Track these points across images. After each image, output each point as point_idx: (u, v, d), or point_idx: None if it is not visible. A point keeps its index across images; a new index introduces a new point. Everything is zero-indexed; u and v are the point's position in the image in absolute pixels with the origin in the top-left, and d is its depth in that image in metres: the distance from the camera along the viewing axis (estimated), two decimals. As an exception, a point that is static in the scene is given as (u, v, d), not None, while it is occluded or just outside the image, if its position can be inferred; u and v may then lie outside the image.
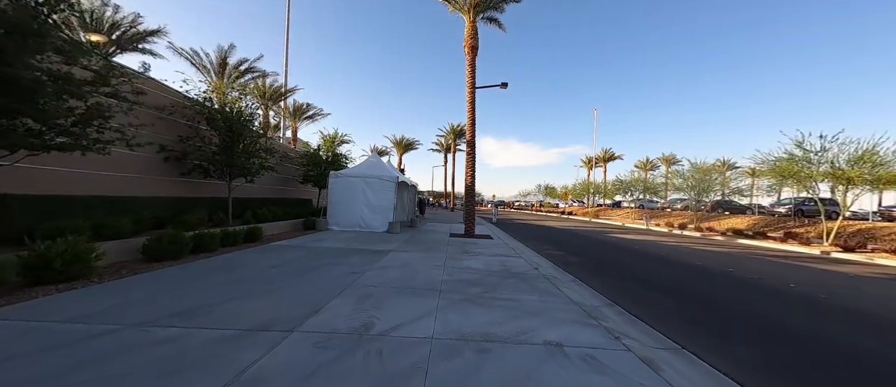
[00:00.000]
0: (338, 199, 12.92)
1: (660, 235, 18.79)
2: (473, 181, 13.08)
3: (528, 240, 13.25)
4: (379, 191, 12.88)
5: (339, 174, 13.06)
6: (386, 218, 12.69)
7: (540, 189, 56.60)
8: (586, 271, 7.50)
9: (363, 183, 12.89)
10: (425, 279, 5.60)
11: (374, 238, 10.71)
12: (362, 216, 12.74)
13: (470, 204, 13.17)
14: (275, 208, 12.98)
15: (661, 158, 59.51)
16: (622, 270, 8.05)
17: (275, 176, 16.12)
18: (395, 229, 12.46)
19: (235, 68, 22.27)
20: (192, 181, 10.83)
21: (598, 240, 14.32)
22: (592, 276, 7.06)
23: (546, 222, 26.94)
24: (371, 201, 12.82)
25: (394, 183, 12.89)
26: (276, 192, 16.23)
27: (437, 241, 10.87)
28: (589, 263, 8.66)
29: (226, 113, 10.66)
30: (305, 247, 8.46)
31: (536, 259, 8.34)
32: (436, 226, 17.09)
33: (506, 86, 19.10)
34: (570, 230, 19.16)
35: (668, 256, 10.04)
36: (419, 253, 8.26)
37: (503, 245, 10.52)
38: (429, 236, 12.11)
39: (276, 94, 27.76)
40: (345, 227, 12.76)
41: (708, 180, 20.10)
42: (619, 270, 7.92)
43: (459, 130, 42.78)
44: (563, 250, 10.69)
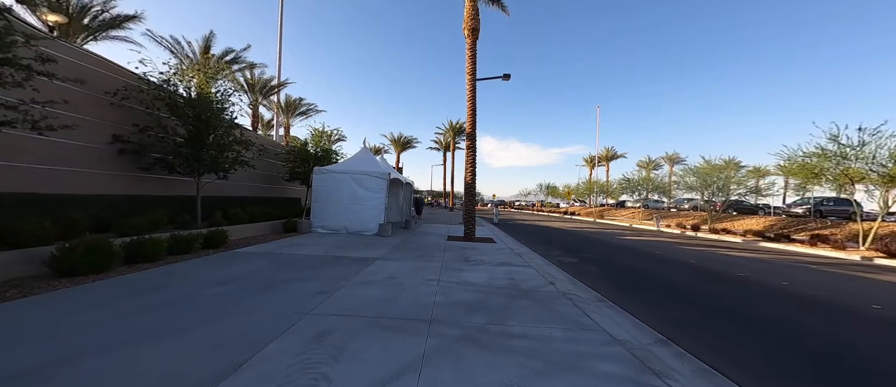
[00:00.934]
0: (323, 197, 11.60)
1: (674, 237, 17.51)
2: (474, 179, 11.77)
3: (535, 244, 11.94)
4: (369, 189, 11.56)
5: (324, 170, 11.74)
6: (376, 219, 11.38)
7: (541, 188, 55.27)
8: (612, 285, 6.20)
9: (351, 180, 11.57)
10: (413, 302, 4.28)
11: (361, 242, 9.40)
12: (350, 217, 11.42)
13: (470, 204, 11.87)
14: (253, 209, 11.66)
15: (665, 157, 58.34)
16: (652, 282, 6.75)
17: (257, 173, 14.80)
18: (386, 232, 11.14)
19: (220, 59, 20.91)
20: (154, 177, 9.53)
21: (612, 243, 13.02)
22: (621, 292, 5.76)
23: (549, 223, 25.65)
24: (360, 200, 11.50)
25: (385, 180, 11.57)
26: (259, 190, 14.92)
27: (433, 245, 9.56)
28: (611, 274, 7.35)
29: (192, 99, 9.32)
30: (276, 254, 7.14)
31: (549, 269, 7.04)
32: (433, 227, 15.78)
33: (508, 77, 17.86)
34: (577, 232, 17.86)
35: (699, 265, 8.73)
36: (410, 261, 6.95)
37: (508, 250, 9.22)
38: (424, 240, 10.80)
39: (266, 87, 26.42)
40: (330, 228, 11.44)
41: (723, 178, 18.80)
42: (649, 283, 6.62)
43: (459, 128, 41.46)
44: (576, 257, 9.38)
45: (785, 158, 14.38)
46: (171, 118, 9.08)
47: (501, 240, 11.73)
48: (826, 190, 14.14)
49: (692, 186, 20.63)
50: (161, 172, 9.42)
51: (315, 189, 11.67)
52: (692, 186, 20.63)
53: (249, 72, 24.72)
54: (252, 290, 4.45)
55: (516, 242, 11.78)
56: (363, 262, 6.67)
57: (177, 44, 19.57)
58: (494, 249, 9.42)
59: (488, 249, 9.20)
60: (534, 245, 11.34)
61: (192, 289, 4.39)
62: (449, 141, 43.72)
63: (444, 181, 47.56)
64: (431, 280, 5.44)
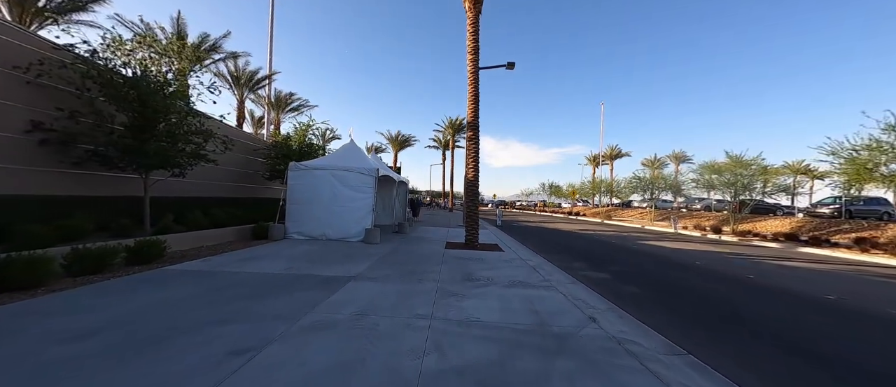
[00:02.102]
0: (299, 198, 9.90)
1: (701, 241, 15.82)
2: (477, 175, 10.08)
3: (549, 251, 10.24)
4: (354, 187, 9.86)
5: (301, 166, 10.04)
6: (362, 223, 9.68)
7: (544, 188, 53.52)
8: (675, 319, 4.52)
9: (332, 177, 9.87)
10: (385, 370, 2.59)
11: (339, 252, 7.69)
12: (331, 221, 9.72)
13: (472, 204, 10.16)
14: (220, 211, 9.97)
15: (671, 156, 56.68)
16: (723, 309, 5.07)
17: (232, 171, 13.10)
18: (373, 238, 9.44)
19: (197, 47, 19.19)
20: (90, 175, 7.85)
21: (638, 251, 11.32)
22: (694, 330, 4.08)
23: (556, 225, 23.96)
24: (343, 201, 9.80)
25: (372, 178, 9.87)
26: (234, 190, 13.21)
27: (429, 256, 7.86)
28: (662, 298, 5.67)
29: (136, 79, 7.62)
30: (219, 273, 5.43)
31: (578, 291, 5.33)
32: (430, 231, 14.08)
33: (512, 66, 16.36)
34: (591, 236, 16.15)
35: (767, 282, 7.00)
36: (396, 283, 5.25)
37: (519, 262, 7.52)
38: (418, 248, 9.10)
39: (253, 79, 24.70)
40: (308, 235, 9.73)
41: (751, 175, 17.11)
42: (721, 312, 4.94)
43: (459, 125, 39.76)
44: (603, 270, 7.68)
45: (828, 152, 12.70)
46: (108, 102, 7.39)
47: (509, 247, 10.03)
48: (871, 188, 12.45)
49: (713, 185, 18.95)
50: (98, 167, 7.73)
51: (291, 188, 9.97)
52: (713, 185, 18.95)
53: (233, 63, 23.02)
54: (124, 348, 2.75)
55: (527, 249, 10.08)
56: (331, 285, 4.96)
57: (148, 29, 17.86)
58: (503, 260, 7.72)
59: (495, 261, 7.50)
60: (548, 253, 9.63)
61: (26, 349, 2.68)
62: (448, 139, 41.99)
63: (444, 181, 45.89)
64: (421, 318, 3.74)
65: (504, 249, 9.62)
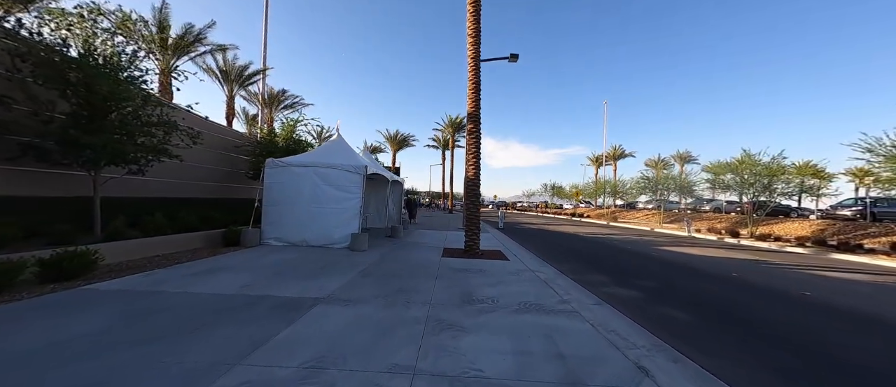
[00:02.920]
0: (277, 198, 8.76)
1: (719, 246, 14.67)
2: (478, 174, 8.93)
3: (561, 260, 9.09)
4: (339, 187, 8.73)
5: (279, 162, 8.91)
6: (348, 227, 8.55)
7: (546, 189, 52.28)
8: (768, 371, 3.36)
9: (315, 175, 8.74)
10: None
11: (316, 263, 6.55)
12: (312, 225, 8.59)
13: (473, 205, 9.01)
14: (190, 214, 8.83)
15: (676, 156, 55.45)
16: (813, 349, 3.92)
17: (210, 169, 11.99)
18: (360, 244, 8.30)
19: (181, 38, 18.09)
20: (28, 172, 6.78)
21: (657, 258, 10.16)
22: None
23: (561, 227, 22.80)
24: (327, 202, 8.67)
25: (360, 176, 8.74)
26: (212, 190, 12.09)
27: (422, 267, 6.72)
28: (719, 327, 4.51)
29: (83, 60, 6.50)
30: (153, 295, 4.29)
31: (609, 318, 4.18)
32: (426, 235, 12.93)
33: (516, 58, 15.25)
34: (601, 241, 14.99)
35: (837, 305, 5.82)
36: (374, 309, 4.10)
37: (528, 274, 6.38)
38: (411, 256, 7.96)
39: (242, 75, 23.59)
40: (286, 240, 8.60)
41: (769, 175, 15.94)
42: (811, 352, 3.79)
43: (459, 123, 38.63)
44: (629, 286, 6.52)
45: (864, 149, 11.54)
46: (46, 85, 6.28)
47: (514, 254, 8.88)
48: None
49: (729, 185, 17.79)
50: (36, 163, 6.62)
51: (267, 188, 8.84)
52: (729, 185, 17.79)
53: (221, 56, 21.89)
54: None
55: (535, 257, 8.92)
56: (290, 312, 3.82)
57: (127, 18, 16.72)
58: (508, 271, 6.57)
59: (500, 273, 6.35)
60: (559, 262, 8.48)
61: None
62: (448, 138, 40.87)
63: (443, 181, 44.75)
64: (399, 373, 2.60)
65: (508, 256, 8.48)
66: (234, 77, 23.55)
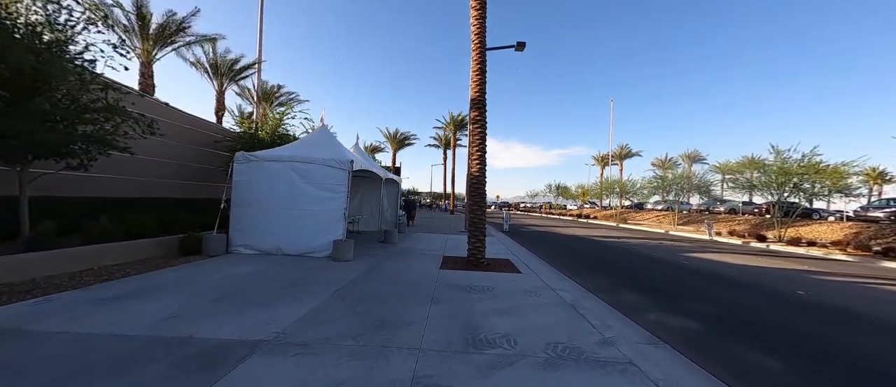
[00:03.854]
0: (247, 198, 7.48)
1: (750, 252, 13.30)
2: (483, 170, 7.61)
3: (582, 271, 7.77)
4: (320, 185, 7.44)
5: (251, 156, 7.62)
6: (330, 232, 7.25)
7: (551, 189, 50.83)
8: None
9: (292, 171, 7.44)
10: None
11: (283, 279, 5.25)
12: (288, 230, 7.30)
13: (477, 206, 7.67)
14: (147, 216, 7.56)
15: (684, 156, 53.93)
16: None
17: (184, 165, 10.74)
18: (343, 253, 6.99)
19: (163, 27, 16.86)
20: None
21: (692, 269, 8.80)
22: None
23: (570, 230, 21.45)
24: (305, 203, 7.38)
25: (345, 172, 7.43)
26: (183, 189, 10.82)
27: (414, 283, 5.40)
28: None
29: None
30: (14, 338, 2.99)
31: (686, 375, 2.86)
32: (424, 239, 11.62)
33: (523, 46, 14.02)
34: (619, 246, 13.64)
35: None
36: (336, 359, 2.78)
37: (548, 294, 5.06)
38: (403, 268, 6.64)
39: (233, 69, 22.35)
40: (258, 247, 7.31)
41: (800, 174, 14.53)
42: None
43: (461, 121, 37.33)
44: (680, 312, 5.17)
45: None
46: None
47: (526, 264, 7.56)
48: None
49: (754, 184, 16.41)
50: (-60, 155, 5.36)
51: (237, 186, 7.55)
52: (754, 184, 16.41)
53: (210, 48, 20.68)
54: None
55: (550, 268, 7.59)
56: (206, 370, 2.52)
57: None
58: (523, 290, 5.24)
59: (514, 293, 5.03)
60: (582, 276, 7.14)
61: None
62: (450, 137, 39.56)
63: (445, 181, 43.43)
64: None
65: (519, 267, 7.16)
66: (224, 71, 22.34)
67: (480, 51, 7.64)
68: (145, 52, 16.78)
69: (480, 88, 7.59)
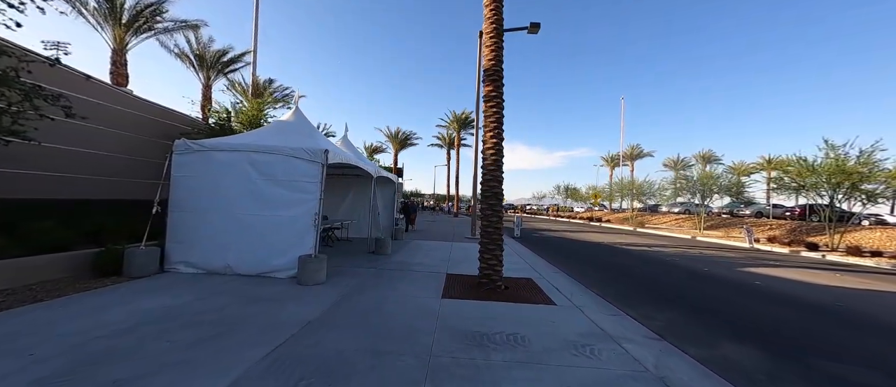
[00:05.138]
0: (189, 201, 5.70)
1: (814, 265, 11.32)
2: (500, 161, 5.75)
3: (636, 300, 5.90)
4: (285, 182, 5.64)
5: (196, 146, 5.83)
6: (297, 245, 5.44)
7: (559, 190, 48.73)
8: None
9: (248, 165, 5.65)
10: None
11: (213, 323, 3.42)
12: (241, 242, 5.50)
13: (492, 210, 5.78)
14: (56, 224, 5.78)
15: (698, 156, 51.68)
16: None
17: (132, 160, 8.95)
18: (313, 274, 5.16)
19: (138, 12, 15.23)
20: None
21: (783, 296, 6.82)
22: None
23: (586, 235, 19.52)
24: (265, 206, 5.59)
25: (318, 166, 5.63)
26: (127, 189, 8.99)
27: (402, 335, 3.56)
28: None
29: None
30: None
31: None
32: (424, 249, 9.77)
33: (537, 28, 12.43)
34: (657, 257, 11.71)
35: None
36: None
37: (613, 352, 3.21)
38: (391, 297, 4.80)
39: (220, 61, 20.71)
40: (201, 265, 5.52)
41: (864, 174, 12.52)
42: None
43: (465, 119, 35.53)
44: (817, 380, 3.31)
45: None
46: None
47: (558, 289, 5.69)
48: None
49: (802, 185, 14.40)
50: None
51: (175, 183, 5.78)
52: (802, 185, 14.40)
53: (194, 36, 19.02)
54: None
55: (595, 299, 5.71)
56: None
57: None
58: (571, 346, 3.38)
59: (558, 355, 3.17)
60: (643, 308, 5.27)
61: None
62: (453, 136, 37.74)
63: (448, 182, 41.58)
64: None
65: (549, 292, 5.31)
66: (210, 63, 20.69)
67: (495, 6, 5.82)
68: (117, 37, 15.17)
69: (496, 55, 5.75)
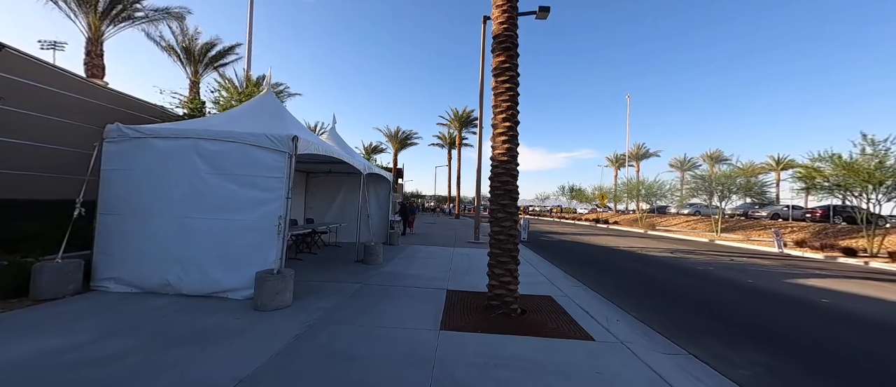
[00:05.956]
0: (122, 201, 4.53)
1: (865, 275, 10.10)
2: (515, 151, 4.56)
3: (699, 334, 4.69)
4: (241, 179, 4.46)
5: (129, 130, 4.65)
6: (256, 258, 4.25)
7: (563, 191, 47.44)
8: None
9: (196, 155, 4.47)
10: None
11: (105, 381, 2.24)
12: (186, 253, 4.32)
13: (505, 213, 4.58)
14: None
15: (706, 156, 50.38)
16: None
17: (78, 155, 7.77)
18: (274, 296, 3.96)
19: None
20: None
21: (844, 316, 5.64)
22: None
23: (598, 239, 18.28)
24: (216, 208, 4.40)
25: (284, 156, 4.44)
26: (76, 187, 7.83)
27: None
28: None
29: None
30: None
31: None
32: (422, 256, 8.56)
33: (546, 12, 11.43)
34: (687, 265, 10.46)
35: None
36: None
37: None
38: (373, 332, 3.59)
39: (207, 54, 19.55)
40: (135, 283, 4.33)
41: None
42: None
43: (467, 117, 34.34)
44: None
45: None
46: None
47: (588, 312, 4.49)
48: None
49: (838, 185, 13.15)
50: None
51: (107, 179, 4.61)
52: (838, 185, 13.15)
53: (179, 27, 17.85)
54: None
55: (643, 329, 4.50)
56: None
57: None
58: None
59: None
60: (711, 345, 4.06)
61: None
62: (454, 135, 36.55)
63: (449, 183, 40.38)
64: None
65: (581, 319, 4.11)
66: (198, 56, 19.56)
67: (508, -43, 4.63)
68: (93, 26, 14.07)
69: (509, 17, 4.56)
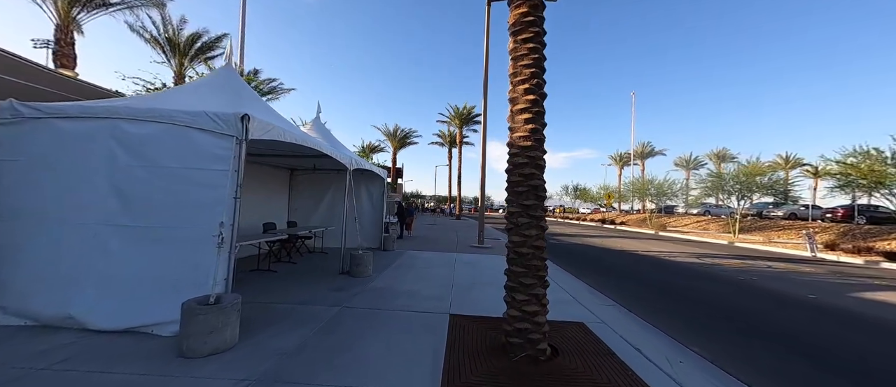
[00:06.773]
0: (10, 203, 3.37)
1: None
2: (540, 132, 3.43)
3: (790, 378, 3.52)
4: (174, 172, 3.31)
5: (28, 111, 3.51)
6: (192, 279, 3.10)
7: (567, 191, 46.30)
8: None
9: (113, 141, 3.33)
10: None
11: None
12: (98, 272, 3.17)
13: (527, 215, 3.45)
14: None
15: (712, 154, 49.25)
16: None
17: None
18: (207, 336, 2.82)
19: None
20: None
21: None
22: None
23: (611, 241, 17.13)
24: (138, 212, 3.25)
25: (231, 141, 3.30)
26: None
27: None
28: None
29: None
30: None
31: None
32: (420, 264, 7.39)
33: None
34: (727, 275, 9.26)
35: None
36: None
37: None
38: (345, 374, 2.45)
39: (194, 44, 18.39)
40: (29, 314, 3.17)
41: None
42: None
43: (467, 114, 33.20)
44: None
45: None
46: None
47: (644, 353, 3.34)
48: None
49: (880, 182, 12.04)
50: None
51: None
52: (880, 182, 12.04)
53: (160, 16, 16.70)
54: None
55: (713, 376, 3.36)
56: None
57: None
58: None
59: None
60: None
61: None
62: (455, 134, 35.40)
63: (450, 183, 39.25)
64: None
65: (633, 363, 2.97)
66: (183, 48, 18.41)
67: None
68: (61, 12, 12.97)
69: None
